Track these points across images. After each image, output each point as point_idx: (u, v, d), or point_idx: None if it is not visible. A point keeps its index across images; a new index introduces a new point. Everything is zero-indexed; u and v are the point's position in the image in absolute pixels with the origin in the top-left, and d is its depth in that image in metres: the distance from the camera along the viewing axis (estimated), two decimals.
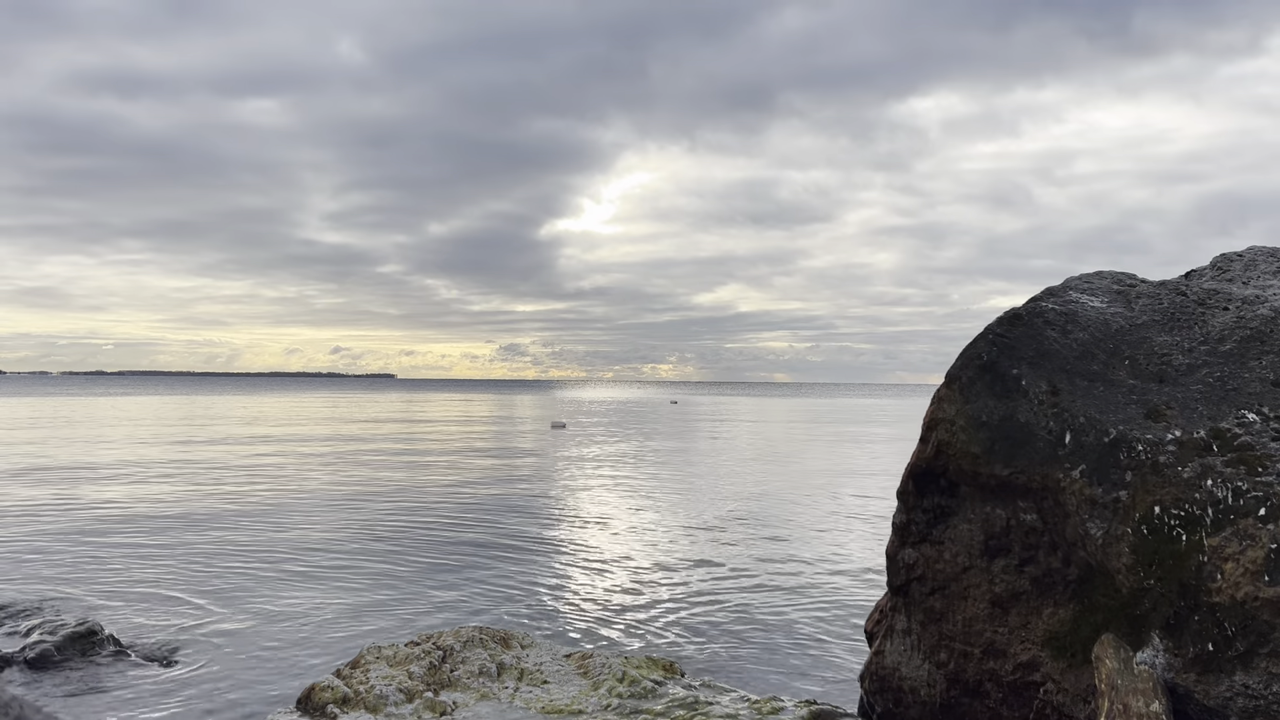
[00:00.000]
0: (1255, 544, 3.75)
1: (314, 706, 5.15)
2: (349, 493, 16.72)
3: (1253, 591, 3.67)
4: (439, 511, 14.52)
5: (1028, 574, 4.58)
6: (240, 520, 13.37)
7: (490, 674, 5.60)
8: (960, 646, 4.83)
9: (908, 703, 5.10)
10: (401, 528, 12.91)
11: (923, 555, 4.95)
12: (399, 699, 5.16)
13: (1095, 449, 4.32)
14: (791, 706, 5.29)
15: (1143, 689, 3.79)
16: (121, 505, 14.73)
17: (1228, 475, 3.99)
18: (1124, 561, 4.07)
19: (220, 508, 14.59)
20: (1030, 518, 4.54)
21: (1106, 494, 4.20)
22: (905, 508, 5.05)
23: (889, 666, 5.20)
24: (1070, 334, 4.92)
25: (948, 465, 4.76)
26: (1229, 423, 4.27)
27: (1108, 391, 4.62)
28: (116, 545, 11.25)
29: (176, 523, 13.08)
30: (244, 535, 12.13)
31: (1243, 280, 5.33)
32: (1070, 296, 5.26)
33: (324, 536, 12.12)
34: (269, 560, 10.49)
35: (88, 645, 6.68)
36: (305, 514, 14.06)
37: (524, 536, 12.36)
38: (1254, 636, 3.66)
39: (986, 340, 4.86)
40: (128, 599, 8.58)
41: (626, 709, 5.20)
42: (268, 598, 8.72)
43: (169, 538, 11.84)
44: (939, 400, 4.84)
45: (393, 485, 17.96)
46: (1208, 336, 4.92)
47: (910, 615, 5.07)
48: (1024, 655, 4.56)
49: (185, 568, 10.00)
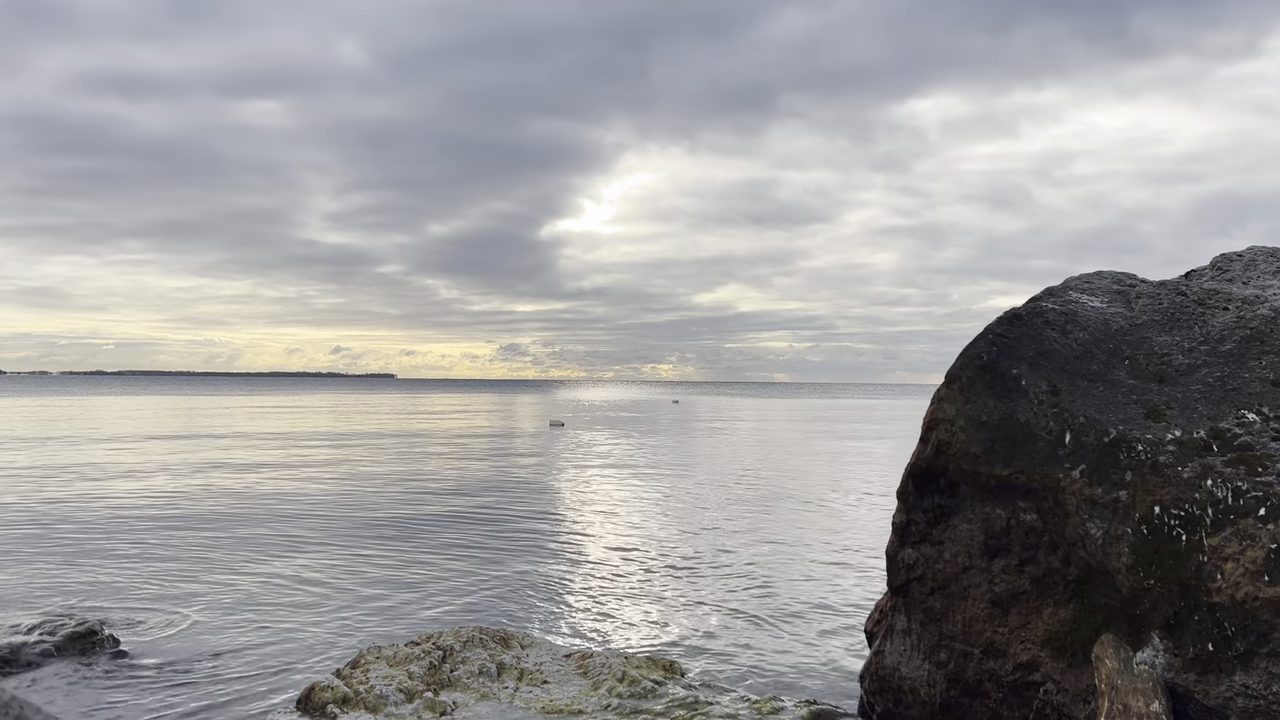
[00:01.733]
0: (1255, 544, 3.75)
1: (314, 706, 5.15)
2: (348, 493, 16.73)
3: (1253, 591, 3.67)
4: (439, 511, 14.52)
5: (1028, 574, 4.58)
6: (240, 520, 13.37)
7: (490, 674, 5.60)
8: (960, 646, 4.83)
9: (908, 703, 5.10)
10: (401, 527, 12.91)
11: (923, 555, 4.95)
12: (399, 699, 5.16)
13: (1095, 449, 4.32)
14: (791, 706, 5.29)
15: (1143, 689, 3.79)
16: (121, 505, 14.73)
17: (1228, 475, 4.00)
18: (1124, 561, 4.07)
19: (220, 507, 14.59)
20: (1030, 518, 4.54)
21: (1106, 494, 4.20)
22: (905, 508, 5.05)
23: (889, 666, 5.20)
24: (1070, 334, 4.92)
25: (948, 465, 4.76)
26: (1229, 423, 4.27)
27: (1108, 391, 4.62)
28: (116, 545, 11.25)
29: (176, 522, 13.08)
30: (244, 535, 12.14)
31: (1243, 280, 5.33)
32: (1070, 296, 5.26)
33: (323, 536, 12.13)
34: (269, 560, 10.49)
35: (88, 645, 6.69)
36: (304, 514, 14.07)
37: (524, 536, 12.36)
38: (1254, 636, 3.66)
39: (986, 340, 4.86)
40: (128, 599, 8.59)
41: (626, 709, 5.20)
42: (268, 598, 8.72)
43: (169, 537, 11.85)
44: (939, 400, 4.84)
45: (392, 485, 17.96)
46: (1208, 336, 4.92)
47: (910, 615, 5.07)
48: (1024, 655, 4.56)
49: (185, 567, 10.00)
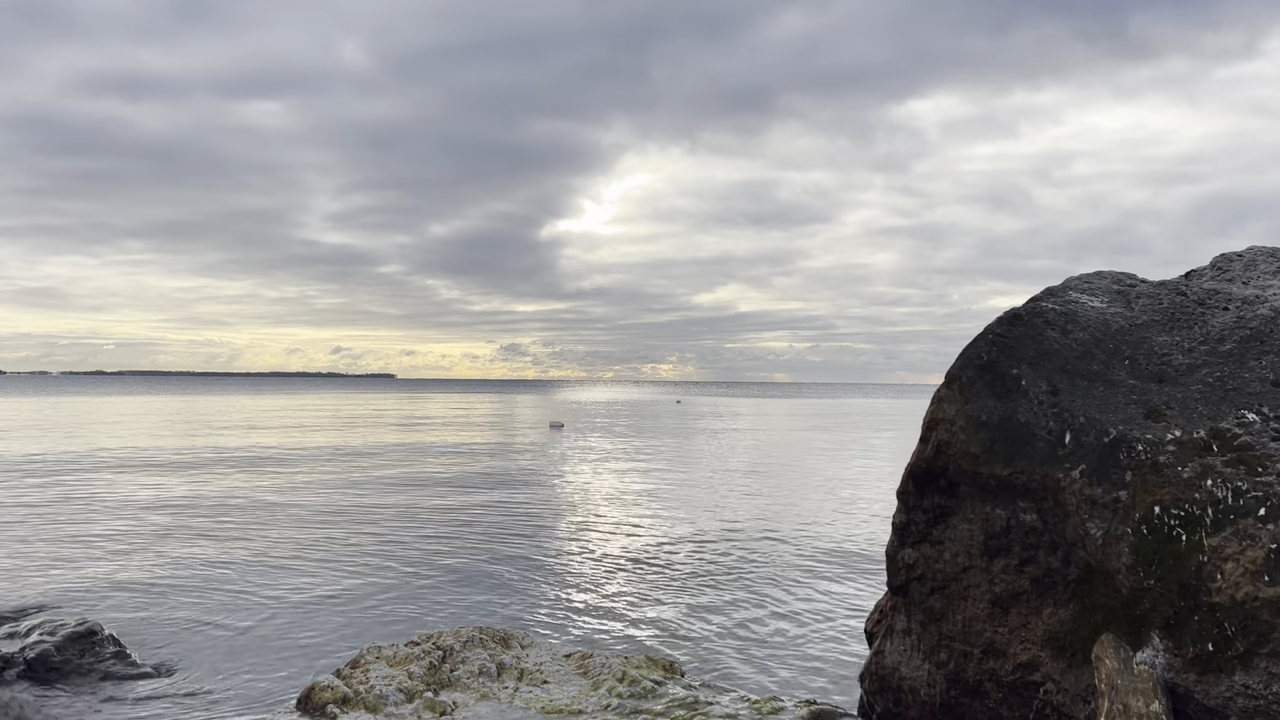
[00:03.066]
0: (1255, 544, 3.75)
1: (314, 706, 5.15)
2: (348, 493, 16.72)
3: (1253, 591, 3.67)
4: (439, 511, 14.52)
5: (1028, 574, 4.58)
6: (241, 521, 13.37)
7: (490, 674, 5.60)
8: (960, 646, 4.83)
9: (908, 702, 5.10)
10: (401, 528, 12.91)
11: (923, 555, 4.95)
12: (399, 699, 5.15)
13: (1095, 449, 4.32)
14: (791, 706, 5.29)
15: (1143, 689, 3.79)
16: (122, 506, 14.73)
17: (1228, 475, 3.99)
18: (1124, 561, 4.06)
19: (221, 509, 14.59)
20: (1030, 518, 4.54)
21: (1106, 494, 4.19)
22: (905, 508, 5.05)
23: (889, 666, 5.20)
24: (1070, 334, 4.92)
25: (948, 465, 4.76)
26: (1229, 423, 4.27)
27: (1108, 391, 4.61)
28: (117, 545, 11.25)
29: (177, 523, 13.08)
30: (244, 535, 12.13)
31: (1243, 280, 5.33)
32: (1070, 296, 5.25)
33: (324, 537, 12.13)
34: (269, 560, 10.49)
35: (87, 645, 6.68)
36: (305, 514, 14.06)
37: (524, 537, 12.36)
38: (1254, 636, 3.65)
39: (986, 340, 4.86)
40: (128, 599, 8.58)
41: (626, 709, 5.19)
42: (268, 598, 8.72)
43: (169, 538, 11.85)
44: (939, 400, 4.84)
45: (391, 486, 17.96)
46: (1208, 336, 4.92)
47: (910, 615, 5.07)
48: (1024, 655, 4.55)
49: (185, 568, 10.00)
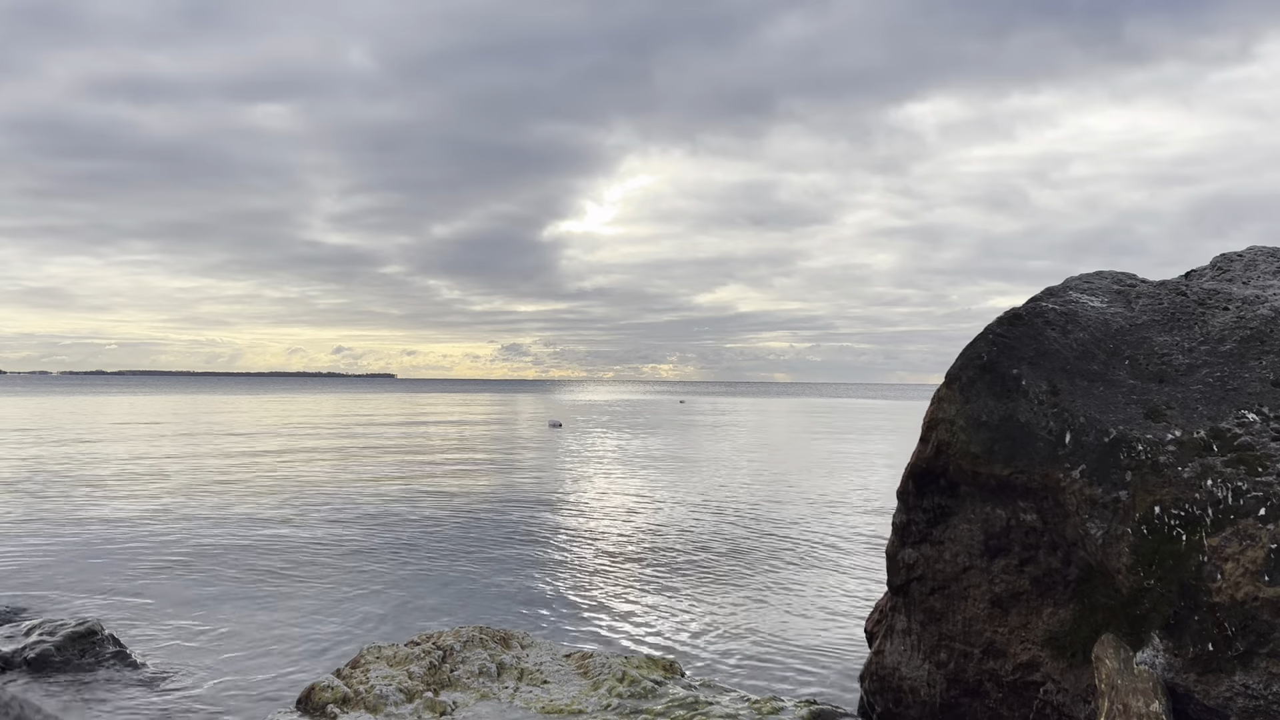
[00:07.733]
0: (1255, 544, 3.75)
1: (314, 706, 5.15)
2: (348, 493, 16.72)
3: (1253, 591, 3.67)
4: (438, 511, 14.52)
5: (1028, 574, 4.58)
6: (240, 520, 13.37)
7: (490, 674, 5.60)
8: (960, 646, 4.83)
9: (908, 703, 5.10)
10: (401, 527, 12.91)
11: (923, 555, 4.95)
12: (399, 699, 5.15)
13: (1095, 449, 4.32)
14: (791, 706, 5.29)
15: (1143, 689, 3.79)
16: (122, 506, 14.73)
17: (1228, 475, 3.99)
18: (1124, 561, 4.06)
19: (221, 508, 14.59)
20: (1030, 518, 4.54)
21: (1106, 494, 4.19)
22: (905, 508, 5.05)
23: (889, 666, 5.20)
24: (1070, 334, 4.92)
25: (948, 465, 4.76)
26: (1229, 423, 4.27)
27: (1108, 391, 4.61)
28: (117, 545, 11.25)
29: (177, 523, 13.08)
30: (244, 535, 12.13)
31: (1243, 280, 5.34)
32: (1070, 296, 5.25)
33: (324, 536, 12.13)
34: (269, 560, 10.49)
35: (87, 645, 6.68)
36: (305, 514, 14.06)
37: (523, 536, 12.36)
38: (1254, 636, 3.65)
39: (986, 340, 4.86)
40: (128, 599, 8.58)
41: (626, 709, 5.19)
42: (268, 597, 8.72)
43: (169, 538, 11.85)
44: (939, 400, 4.84)
45: (391, 485, 17.96)
46: (1208, 336, 4.92)
47: (910, 615, 5.07)
48: (1024, 655, 4.56)
49: (185, 568, 10.00)
